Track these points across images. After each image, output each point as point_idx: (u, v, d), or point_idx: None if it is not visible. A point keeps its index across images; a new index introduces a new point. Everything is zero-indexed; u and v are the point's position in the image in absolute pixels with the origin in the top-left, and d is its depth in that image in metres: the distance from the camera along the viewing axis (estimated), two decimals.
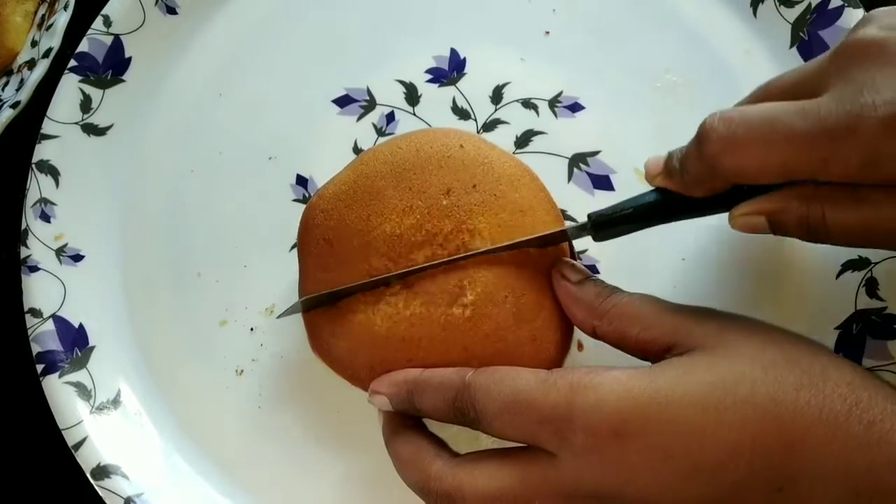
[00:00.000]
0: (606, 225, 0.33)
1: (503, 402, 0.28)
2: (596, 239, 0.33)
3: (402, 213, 0.33)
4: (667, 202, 0.32)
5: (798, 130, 0.27)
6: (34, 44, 0.44)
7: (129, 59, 0.44)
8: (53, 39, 0.43)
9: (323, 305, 0.35)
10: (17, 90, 0.42)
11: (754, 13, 0.43)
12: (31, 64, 0.43)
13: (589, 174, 0.41)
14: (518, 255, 0.33)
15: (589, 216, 0.33)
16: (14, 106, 0.41)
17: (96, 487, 0.37)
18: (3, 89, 0.44)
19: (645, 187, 0.41)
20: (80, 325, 0.40)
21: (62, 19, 0.43)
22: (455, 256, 0.33)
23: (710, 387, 0.26)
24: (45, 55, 0.42)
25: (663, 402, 0.26)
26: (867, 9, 0.40)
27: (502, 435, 0.29)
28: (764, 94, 0.32)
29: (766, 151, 0.28)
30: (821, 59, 0.30)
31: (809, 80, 0.30)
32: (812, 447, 0.25)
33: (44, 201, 0.41)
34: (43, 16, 0.45)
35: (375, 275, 0.33)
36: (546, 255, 0.34)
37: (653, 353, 0.30)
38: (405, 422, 0.32)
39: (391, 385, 0.32)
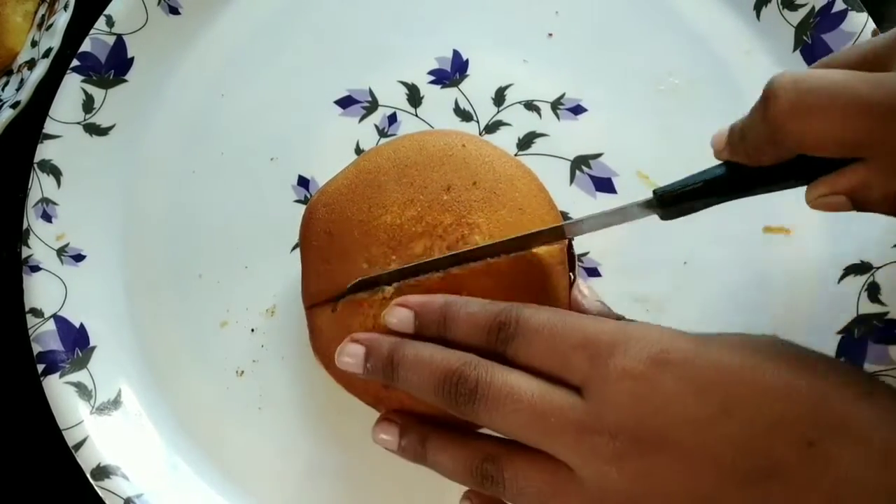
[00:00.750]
0: (673, 201, 0.31)
1: (549, 319, 0.28)
2: (663, 217, 0.32)
3: (403, 205, 0.34)
4: (735, 175, 0.31)
5: (875, 102, 0.25)
6: (34, 44, 0.44)
7: (132, 59, 0.44)
8: (53, 39, 0.43)
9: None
10: (17, 90, 0.42)
11: (757, 16, 0.43)
12: (30, 64, 0.43)
13: (591, 177, 0.41)
14: (515, 263, 0.33)
15: (654, 192, 0.31)
16: (14, 106, 0.41)
17: (96, 488, 0.37)
18: (3, 89, 0.44)
19: (646, 191, 0.41)
20: (81, 325, 0.40)
21: (62, 19, 0.43)
22: (455, 251, 0.33)
23: (750, 338, 0.27)
24: (45, 55, 0.42)
25: (705, 342, 0.27)
26: (869, 12, 0.40)
27: (532, 359, 0.28)
28: (827, 66, 0.30)
29: (838, 121, 0.26)
30: (892, 33, 0.28)
31: (879, 55, 0.27)
32: (845, 402, 0.25)
33: (45, 201, 0.41)
34: (43, 16, 0.45)
35: (374, 263, 0.33)
36: (543, 262, 0.34)
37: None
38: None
39: (423, 303, 0.31)
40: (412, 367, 0.30)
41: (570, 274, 0.35)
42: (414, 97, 0.43)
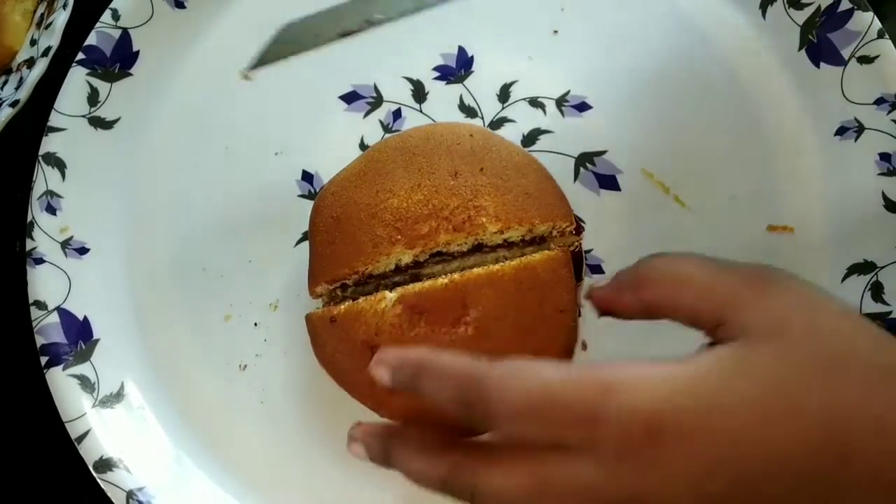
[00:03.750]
0: None
1: (522, 403, 0.25)
2: None
3: (410, 189, 0.34)
4: None
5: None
6: (33, 42, 0.44)
7: (137, 52, 0.44)
8: (52, 38, 0.42)
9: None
10: (16, 89, 0.42)
11: (763, 15, 0.43)
12: (29, 62, 0.43)
13: (595, 174, 0.41)
14: (519, 270, 0.33)
15: None
16: (13, 105, 0.41)
17: (98, 480, 0.37)
18: (1, 88, 0.44)
19: (652, 187, 0.41)
20: (85, 318, 0.40)
21: (61, 18, 0.43)
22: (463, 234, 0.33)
23: (758, 392, 0.24)
24: (44, 54, 0.42)
25: (704, 409, 0.24)
26: (875, 10, 0.40)
27: (518, 438, 0.26)
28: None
29: None
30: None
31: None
32: (866, 463, 0.24)
33: (50, 194, 0.41)
34: (42, 14, 0.45)
35: (379, 244, 0.33)
36: (548, 268, 0.33)
37: (703, 325, 0.27)
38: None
39: (398, 360, 0.28)
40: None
41: (576, 277, 0.35)
42: (419, 93, 0.43)
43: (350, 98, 0.43)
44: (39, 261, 0.40)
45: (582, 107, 0.42)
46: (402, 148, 0.35)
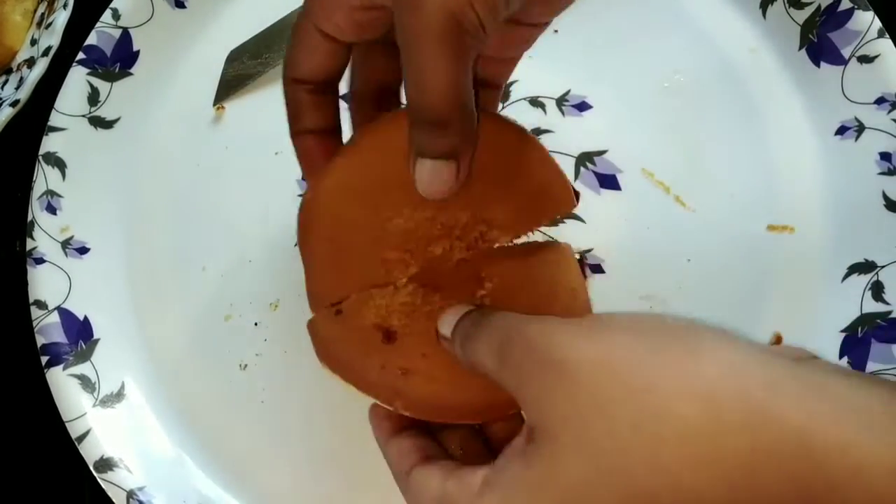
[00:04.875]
0: None
1: None
2: None
3: (414, 207, 0.31)
4: None
5: None
6: (33, 42, 0.44)
7: (137, 52, 0.44)
8: (53, 38, 0.42)
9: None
10: (17, 88, 0.42)
11: (763, 14, 0.43)
12: (30, 62, 0.43)
13: (596, 173, 0.41)
14: (531, 247, 0.32)
15: None
16: (13, 104, 0.41)
17: (99, 480, 0.37)
18: (2, 87, 0.44)
19: (653, 187, 0.41)
20: (85, 318, 0.40)
21: (61, 18, 0.43)
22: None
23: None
24: (45, 53, 0.42)
25: None
26: (875, 10, 0.40)
27: None
28: None
29: None
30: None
31: None
32: None
33: (50, 193, 0.41)
34: (42, 14, 0.45)
35: (392, 269, 0.31)
36: (555, 254, 0.33)
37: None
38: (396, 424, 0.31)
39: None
40: None
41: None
42: None
43: (350, 98, 0.43)
44: (40, 260, 0.40)
45: (582, 106, 0.42)
46: (400, 149, 0.31)
